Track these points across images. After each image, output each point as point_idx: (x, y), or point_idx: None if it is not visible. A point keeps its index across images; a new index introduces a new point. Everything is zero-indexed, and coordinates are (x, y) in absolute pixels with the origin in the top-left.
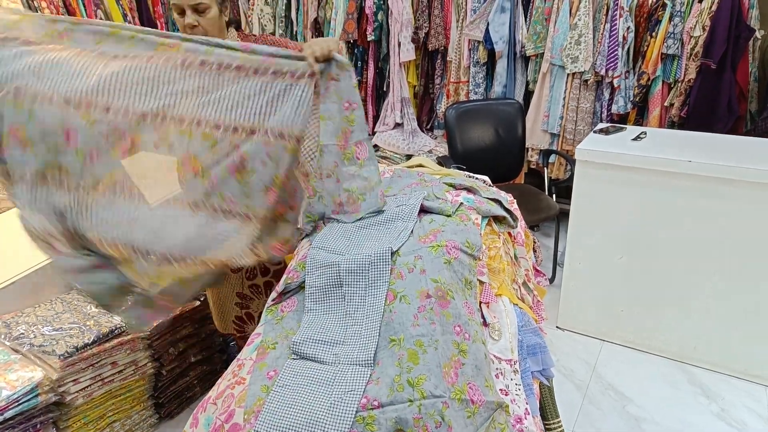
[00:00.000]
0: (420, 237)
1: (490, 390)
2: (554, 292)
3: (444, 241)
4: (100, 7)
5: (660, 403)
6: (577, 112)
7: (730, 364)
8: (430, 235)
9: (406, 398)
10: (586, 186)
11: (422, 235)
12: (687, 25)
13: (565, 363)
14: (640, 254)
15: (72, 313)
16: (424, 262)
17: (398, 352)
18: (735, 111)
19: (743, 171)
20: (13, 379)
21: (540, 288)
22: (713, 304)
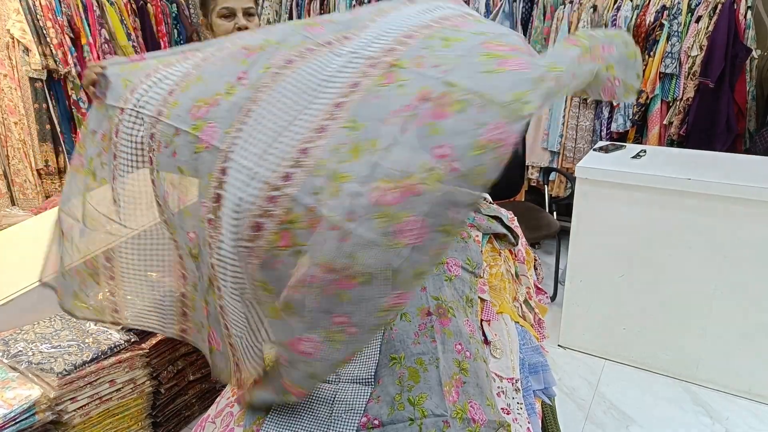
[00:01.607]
0: None
1: (492, 409)
2: (556, 310)
3: (445, 259)
4: (104, 26)
5: (663, 423)
6: (576, 130)
7: (734, 383)
8: None
9: (407, 417)
10: (586, 204)
11: None
12: (684, 45)
13: (566, 382)
14: (641, 272)
15: (71, 330)
16: (424, 280)
17: (399, 370)
18: (734, 129)
19: (743, 189)
20: (11, 397)
21: (541, 306)
22: (716, 322)
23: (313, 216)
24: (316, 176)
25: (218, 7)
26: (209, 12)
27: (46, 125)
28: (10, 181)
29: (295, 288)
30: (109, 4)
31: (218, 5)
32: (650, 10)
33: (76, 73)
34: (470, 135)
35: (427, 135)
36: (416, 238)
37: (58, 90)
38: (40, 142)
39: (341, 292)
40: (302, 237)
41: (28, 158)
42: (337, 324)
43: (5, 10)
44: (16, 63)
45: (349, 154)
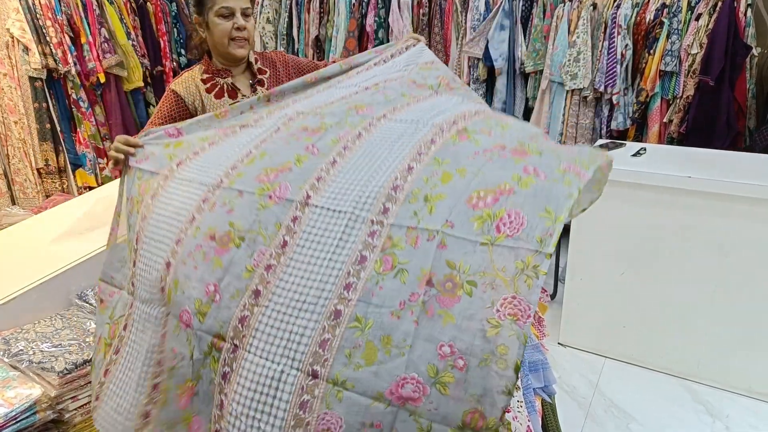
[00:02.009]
0: None
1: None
2: (556, 309)
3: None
4: (104, 25)
5: (663, 421)
6: (576, 129)
7: (735, 381)
8: None
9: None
10: None
11: None
12: (684, 43)
13: (567, 380)
14: (642, 270)
15: (72, 329)
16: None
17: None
18: (734, 127)
19: (743, 187)
20: (11, 396)
21: (541, 304)
22: (716, 320)
23: (413, 234)
24: (412, 203)
25: (217, 6)
26: (206, 10)
27: (46, 124)
28: (10, 180)
29: (394, 314)
30: (109, 3)
31: (217, 4)
32: (650, 8)
33: (75, 72)
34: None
35: (514, 162)
36: (515, 229)
37: (57, 89)
38: (40, 141)
39: (444, 311)
40: (402, 256)
41: (28, 157)
42: (443, 357)
43: (5, 9)
44: (16, 62)
45: (439, 180)
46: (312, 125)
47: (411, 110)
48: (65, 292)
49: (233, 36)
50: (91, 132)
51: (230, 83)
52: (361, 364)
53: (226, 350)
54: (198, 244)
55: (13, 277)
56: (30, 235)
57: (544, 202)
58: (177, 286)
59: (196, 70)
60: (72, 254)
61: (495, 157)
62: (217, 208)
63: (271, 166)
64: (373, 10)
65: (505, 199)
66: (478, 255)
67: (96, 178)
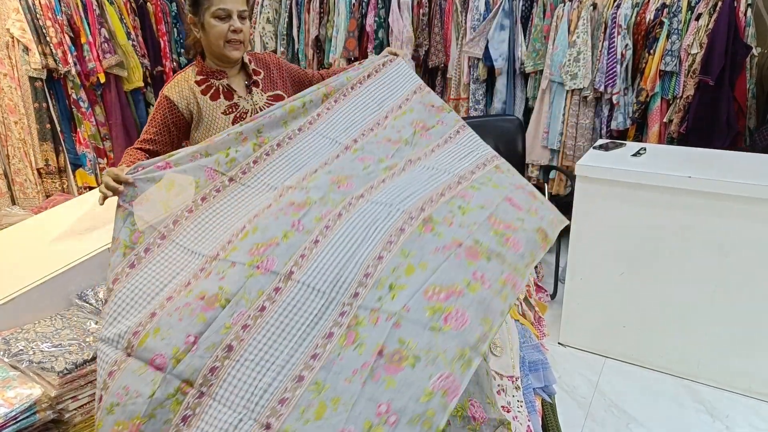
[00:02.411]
0: None
1: (492, 407)
2: (556, 308)
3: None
4: (104, 25)
5: (664, 421)
6: (576, 129)
7: (735, 381)
8: None
9: None
10: (586, 202)
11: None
12: (684, 43)
13: (567, 380)
14: (642, 270)
15: (72, 329)
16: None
17: None
18: (734, 127)
19: (743, 186)
20: (11, 396)
21: (541, 304)
22: (716, 319)
23: (375, 315)
24: (379, 290)
25: (214, 7)
26: (202, 11)
27: (46, 124)
28: (10, 180)
29: (348, 380)
30: (109, 3)
31: (213, 6)
32: (650, 8)
33: (75, 73)
34: (496, 274)
35: (467, 265)
36: (460, 325)
37: (58, 89)
38: (41, 142)
39: (389, 377)
40: (364, 332)
41: (29, 157)
42: (379, 414)
43: (5, 9)
44: (16, 62)
45: (404, 272)
46: (298, 200)
47: (386, 190)
48: (65, 292)
49: (229, 38)
50: (91, 132)
51: (225, 84)
52: (311, 419)
53: (192, 395)
54: (187, 302)
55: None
56: (30, 235)
57: (484, 311)
58: (157, 333)
59: (189, 72)
60: (72, 254)
61: (452, 256)
62: (212, 276)
63: (261, 241)
64: (373, 10)
65: (455, 299)
66: (426, 336)
67: (96, 178)
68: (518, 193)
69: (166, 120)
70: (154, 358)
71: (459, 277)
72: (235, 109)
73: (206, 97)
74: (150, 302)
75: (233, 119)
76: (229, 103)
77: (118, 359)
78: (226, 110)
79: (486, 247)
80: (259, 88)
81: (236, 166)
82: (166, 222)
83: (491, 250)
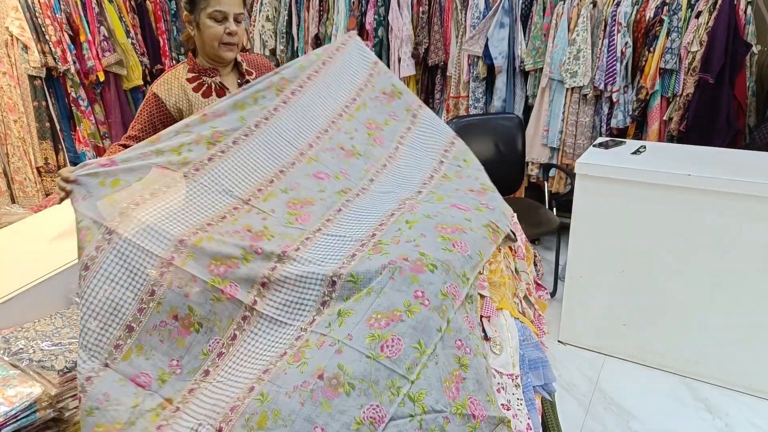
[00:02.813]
0: None
1: (492, 405)
2: (555, 306)
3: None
4: (103, 23)
5: (663, 419)
6: (576, 127)
7: (735, 379)
8: None
9: (407, 413)
10: (586, 200)
11: None
12: (684, 41)
13: (567, 378)
14: (641, 268)
15: (72, 328)
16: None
17: None
18: (734, 125)
19: (743, 184)
20: (12, 394)
21: (541, 302)
22: (716, 317)
23: (322, 339)
24: (330, 316)
25: (210, 8)
26: (198, 10)
27: (45, 123)
28: (9, 179)
29: (288, 394)
30: (108, 2)
31: (210, 6)
32: (650, 6)
33: (75, 71)
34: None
35: (409, 283)
36: (394, 353)
37: (57, 87)
38: (40, 140)
39: (325, 401)
40: (309, 353)
41: (28, 156)
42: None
43: (4, 7)
44: (15, 61)
45: (352, 299)
46: (255, 227)
47: (341, 222)
48: (65, 290)
49: (224, 41)
50: (90, 130)
51: (218, 82)
52: (254, 428)
53: (169, 410)
54: (163, 321)
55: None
56: (30, 233)
57: (419, 335)
58: (140, 351)
59: (180, 69)
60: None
61: (396, 274)
62: (174, 287)
63: (219, 255)
64: (372, 8)
65: (393, 326)
66: (363, 365)
67: None
68: (465, 196)
69: (152, 117)
70: (138, 375)
71: (400, 300)
72: None
73: (198, 95)
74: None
75: None
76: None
77: (95, 367)
78: None
79: (431, 258)
80: None
81: (189, 163)
82: (112, 214)
83: (437, 260)
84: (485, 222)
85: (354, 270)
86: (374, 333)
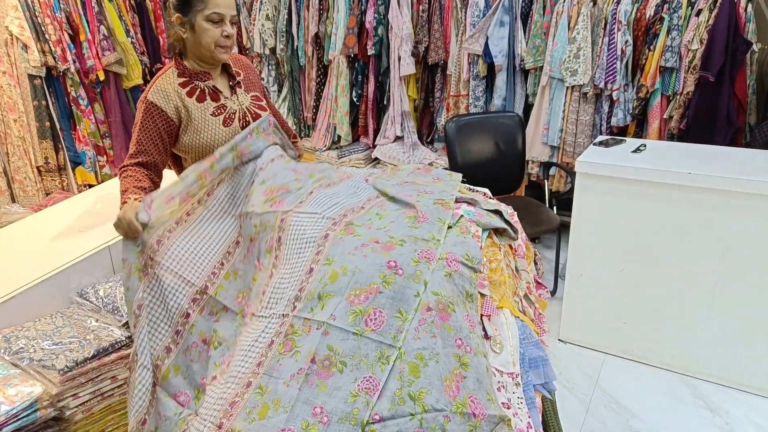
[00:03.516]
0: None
1: (492, 403)
2: (556, 305)
3: (444, 254)
4: (102, 23)
5: (664, 416)
6: (576, 125)
7: (735, 377)
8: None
9: (408, 412)
10: (586, 198)
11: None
12: (685, 39)
13: (567, 376)
14: (642, 266)
15: (72, 327)
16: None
17: (399, 365)
18: (734, 123)
19: (743, 183)
20: (12, 394)
21: (541, 300)
22: (716, 316)
23: (307, 324)
24: (310, 301)
25: (208, 11)
26: (194, 12)
27: (45, 122)
28: (10, 178)
29: (286, 383)
30: (108, 1)
31: (208, 9)
32: (650, 4)
33: (75, 70)
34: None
35: (383, 256)
36: (378, 325)
37: (57, 87)
38: (40, 140)
39: (321, 382)
40: (299, 341)
41: (28, 155)
42: (314, 415)
43: (3, 6)
44: (15, 60)
45: (329, 280)
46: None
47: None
48: (65, 289)
49: (221, 43)
50: (90, 130)
51: (211, 86)
52: (256, 419)
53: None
54: (194, 342)
55: (13, 275)
56: (30, 233)
57: (398, 304)
58: (177, 372)
59: (169, 74)
60: (72, 252)
61: (369, 252)
62: (205, 313)
63: (243, 288)
64: (372, 6)
65: (373, 299)
66: (350, 342)
67: (96, 175)
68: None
69: (157, 127)
70: (179, 395)
71: (376, 274)
72: (223, 110)
73: (192, 99)
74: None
75: (223, 120)
76: (217, 104)
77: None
78: (215, 112)
79: (399, 236)
80: (242, 89)
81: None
82: (151, 242)
83: (405, 236)
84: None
85: (329, 253)
86: (356, 309)
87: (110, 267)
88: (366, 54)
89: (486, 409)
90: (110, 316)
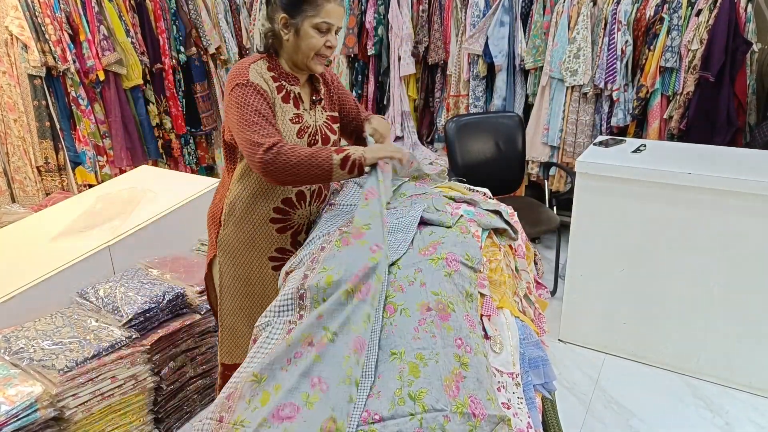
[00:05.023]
0: (420, 249)
1: (492, 403)
2: (556, 305)
3: (444, 254)
4: (102, 23)
5: (664, 416)
6: (576, 125)
7: (735, 377)
8: (430, 248)
9: (408, 412)
10: (586, 198)
11: (422, 248)
12: (684, 39)
13: (567, 376)
14: (642, 266)
15: (72, 327)
16: (424, 275)
17: (399, 365)
18: (734, 123)
19: (743, 183)
20: (13, 394)
21: (541, 300)
22: (716, 316)
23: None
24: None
25: (318, 18)
26: (302, 16)
27: (45, 122)
28: (10, 178)
29: (284, 369)
30: (108, 1)
31: (319, 16)
32: (650, 4)
33: (75, 70)
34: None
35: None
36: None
37: (57, 87)
38: (40, 140)
39: (317, 355)
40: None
41: (28, 155)
42: (313, 386)
43: (3, 6)
44: (15, 60)
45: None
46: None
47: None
48: (65, 289)
49: (321, 53)
50: (90, 130)
51: (297, 92)
52: (258, 406)
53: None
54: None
55: (13, 275)
56: (30, 233)
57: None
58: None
59: (259, 64)
60: (72, 252)
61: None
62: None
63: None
64: (372, 6)
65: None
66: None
67: (96, 176)
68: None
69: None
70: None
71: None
72: (300, 121)
73: (279, 97)
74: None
75: (298, 131)
76: (297, 111)
77: None
78: (293, 119)
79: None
80: (321, 105)
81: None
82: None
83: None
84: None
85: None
86: (347, 288)
87: (110, 267)
88: (366, 54)
89: (486, 409)
90: (110, 316)
